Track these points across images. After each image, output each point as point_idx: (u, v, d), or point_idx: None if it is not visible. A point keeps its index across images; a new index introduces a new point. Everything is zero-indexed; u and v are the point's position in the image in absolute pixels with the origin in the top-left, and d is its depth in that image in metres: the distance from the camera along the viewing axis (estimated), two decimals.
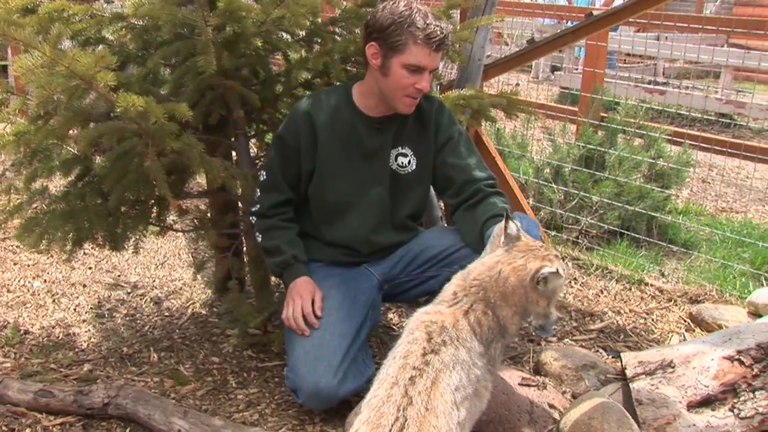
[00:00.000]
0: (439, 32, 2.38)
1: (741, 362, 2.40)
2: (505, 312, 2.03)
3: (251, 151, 3.11)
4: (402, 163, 2.64)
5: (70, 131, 2.59)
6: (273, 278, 3.03)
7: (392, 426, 1.74)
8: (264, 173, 2.70)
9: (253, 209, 2.71)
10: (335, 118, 2.60)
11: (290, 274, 2.62)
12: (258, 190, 2.70)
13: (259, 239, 2.69)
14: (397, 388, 1.82)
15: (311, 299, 2.52)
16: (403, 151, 2.64)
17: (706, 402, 2.35)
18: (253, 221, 2.72)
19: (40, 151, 2.78)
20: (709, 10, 12.34)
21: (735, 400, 2.34)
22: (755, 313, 3.29)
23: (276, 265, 2.65)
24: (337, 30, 3.01)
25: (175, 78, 2.63)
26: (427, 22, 2.37)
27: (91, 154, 2.75)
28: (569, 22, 7.20)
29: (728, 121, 7.33)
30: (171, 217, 3.35)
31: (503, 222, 2.13)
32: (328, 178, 2.62)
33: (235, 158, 3.03)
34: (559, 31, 4.28)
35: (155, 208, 3.00)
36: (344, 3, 2.94)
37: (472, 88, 3.20)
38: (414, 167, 2.65)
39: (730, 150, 4.61)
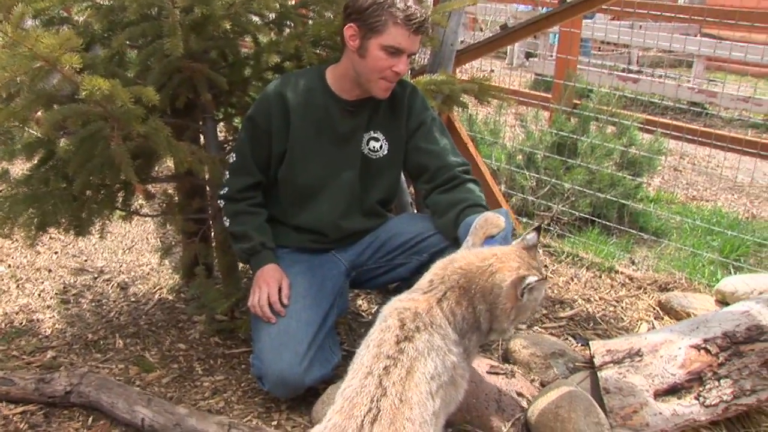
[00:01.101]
0: (419, 14, 2.35)
1: (707, 351, 2.41)
2: (482, 306, 2.01)
3: (220, 135, 3.06)
4: (374, 147, 2.61)
5: (34, 113, 2.53)
6: (240, 264, 3.00)
7: (364, 417, 1.72)
8: (233, 155, 2.65)
9: (222, 192, 2.66)
10: (308, 100, 2.56)
11: (258, 260, 2.58)
12: (227, 173, 2.65)
13: (227, 224, 2.65)
14: (371, 378, 1.79)
15: (278, 287, 2.49)
16: (375, 135, 2.61)
17: (673, 390, 2.37)
18: (221, 204, 2.67)
19: (2, 133, 2.72)
20: (683, 0, 12.40)
21: (701, 389, 2.36)
22: (722, 302, 3.31)
23: (243, 251, 2.61)
24: (309, 13, 2.96)
25: (141, 60, 2.57)
26: (408, 4, 2.35)
27: (55, 137, 2.69)
28: (544, 8, 7.20)
29: (699, 110, 7.37)
30: (138, 202, 3.29)
31: (486, 217, 2.18)
32: (299, 161, 2.58)
33: (202, 142, 2.98)
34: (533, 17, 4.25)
35: (121, 192, 2.95)
36: None
37: (444, 74, 3.18)
38: (386, 152, 2.62)
39: (700, 139, 4.63)
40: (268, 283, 2.49)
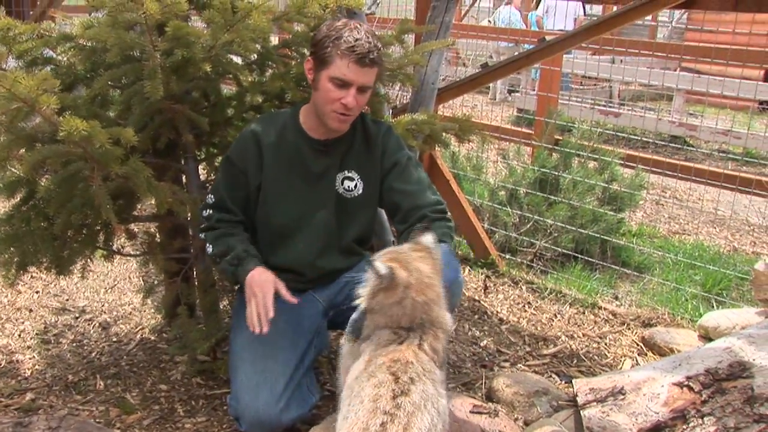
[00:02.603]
0: (365, 47, 2.35)
1: (690, 388, 2.41)
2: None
3: (201, 174, 3.07)
4: (348, 186, 2.61)
5: (15, 153, 2.52)
6: (222, 303, 2.98)
7: None
8: (211, 195, 2.64)
9: (202, 226, 2.64)
10: (281, 139, 2.57)
11: (244, 268, 2.48)
12: (206, 210, 2.62)
13: (210, 250, 2.59)
14: None
15: (273, 288, 2.40)
16: (350, 174, 2.61)
17: (656, 429, 2.36)
18: (203, 237, 2.64)
19: None
20: (663, 35, 12.60)
21: (684, 427, 2.36)
22: (706, 337, 3.32)
23: (228, 263, 2.52)
24: (291, 53, 2.99)
25: (122, 101, 2.58)
26: (356, 37, 2.36)
27: (36, 177, 2.68)
28: (525, 46, 7.30)
29: (678, 146, 7.45)
30: (120, 241, 3.27)
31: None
32: (272, 200, 2.59)
33: (184, 181, 2.98)
34: (516, 53, 4.31)
35: (102, 232, 2.93)
36: (296, 27, 2.92)
37: (425, 113, 3.21)
38: (360, 191, 2.62)
39: (680, 174, 4.68)
40: (263, 288, 2.39)
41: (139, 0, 2.22)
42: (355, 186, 2.61)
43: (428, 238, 2.14)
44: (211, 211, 2.62)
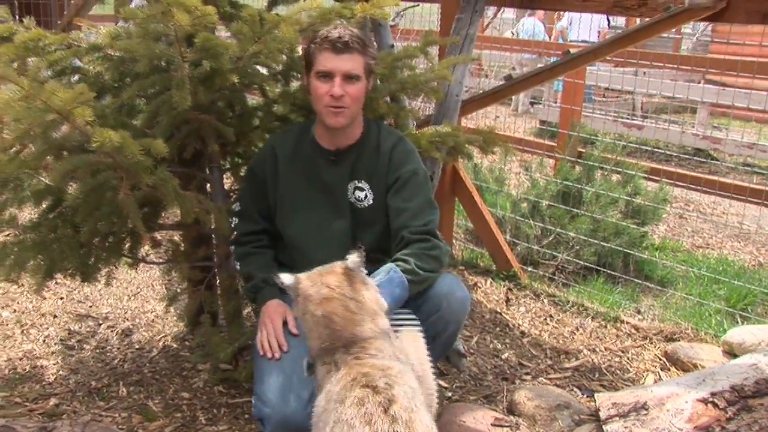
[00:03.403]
0: (336, 35, 2.42)
1: (715, 405, 2.39)
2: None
3: (226, 183, 3.09)
4: (359, 197, 2.62)
5: (44, 162, 2.56)
6: (245, 310, 3.00)
7: None
8: (238, 204, 2.73)
9: (232, 238, 2.74)
10: (296, 151, 2.63)
11: (262, 297, 2.57)
12: (234, 219, 2.72)
13: (238, 266, 2.70)
14: None
15: (282, 320, 2.47)
16: (360, 185, 2.62)
17: None
18: (232, 249, 2.73)
19: (11, 180, 2.74)
20: (686, 47, 12.53)
21: None
22: (730, 352, 3.29)
23: (248, 290, 2.64)
24: None
25: (150, 111, 2.60)
26: (332, 31, 2.44)
27: (64, 186, 2.72)
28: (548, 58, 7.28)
29: (702, 159, 7.39)
30: (145, 249, 3.30)
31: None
32: (288, 211, 2.63)
33: (208, 189, 3.01)
34: (538, 65, 4.31)
35: (128, 240, 2.96)
36: None
37: (448, 125, 3.21)
38: (371, 201, 2.62)
39: (704, 188, 4.65)
40: (272, 319, 2.46)
41: (170, 12, 2.25)
42: (365, 196, 2.62)
43: (352, 257, 2.10)
44: (237, 221, 2.71)
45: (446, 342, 2.64)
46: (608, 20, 10.60)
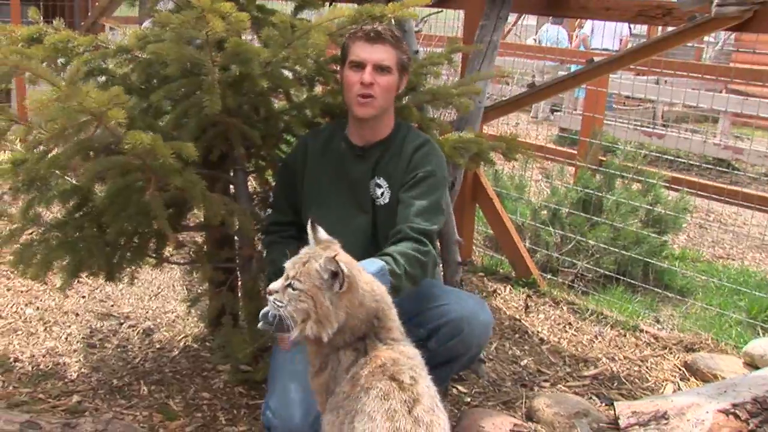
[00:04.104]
0: (370, 26, 2.48)
1: (736, 416, 2.38)
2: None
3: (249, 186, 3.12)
4: (377, 194, 2.63)
5: (73, 162, 2.59)
6: None
7: None
8: (272, 195, 2.83)
9: (262, 226, 2.82)
10: (327, 146, 2.67)
11: None
12: (268, 209, 2.82)
13: (264, 254, 2.77)
14: None
15: None
16: (379, 182, 2.64)
17: None
18: (261, 238, 2.81)
19: (38, 179, 2.78)
20: (708, 55, 12.45)
21: None
22: (751, 364, 3.27)
23: (272, 274, 2.56)
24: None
25: (177, 113, 2.63)
26: (365, 25, 2.50)
27: (92, 186, 2.75)
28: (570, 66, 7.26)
29: (724, 170, 7.34)
30: (168, 249, 3.33)
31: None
32: (313, 202, 2.65)
33: (232, 191, 3.03)
34: (560, 73, 4.31)
35: (153, 240, 2.99)
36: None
37: (471, 131, 3.22)
38: (387, 200, 2.62)
39: (727, 198, 4.62)
40: None
41: (204, 17, 2.27)
42: (383, 194, 2.62)
43: (321, 232, 2.05)
44: (270, 210, 2.81)
45: (466, 363, 2.66)
46: (630, 28, 10.57)
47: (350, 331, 1.92)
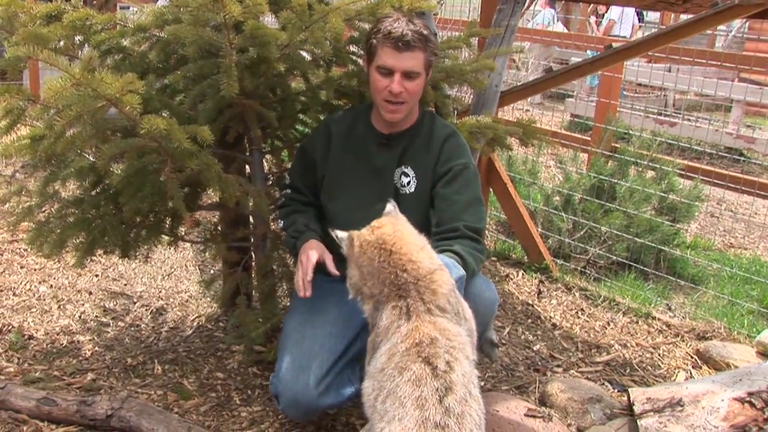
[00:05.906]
0: (399, 32, 2.40)
1: (752, 404, 2.38)
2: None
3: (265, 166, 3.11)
4: (403, 182, 2.62)
5: (89, 143, 2.59)
6: (279, 289, 3.02)
7: None
8: (288, 177, 2.80)
9: (279, 203, 2.81)
10: (351, 131, 2.65)
11: (302, 240, 2.59)
12: (284, 189, 2.78)
13: (281, 225, 2.74)
14: None
15: (316, 259, 2.46)
16: (406, 170, 2.63)
17: None
18: (277, 213, 2.80)
19: (56, 156, 2.78)
20: (720, 44, 12.36)
21: None
22: (764, 353, 3.27)
23: (290, 235, 2.65)
24: (359, 51, 3.01)
25: (194, 94, 2.62)
26: (395, 25, 2.41)
27: (109, 167, 2.75)
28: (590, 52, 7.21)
29: (736, 158, 7.30)
30: (182, 228, 3.34)
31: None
32: (334, 187, 2.65)
33: (248, 171, 3.03)
34: (573, 59, 4.28)
35: (168, 219, 2.99)
36: (363, 24, 2.92)
37: (488, 115, 3.20)
38: (413, 189, 2.62)
39: (743, 187, 4.59)
40: (308, 256, 2.46)
41: (222, 1, 2.26)
42: (409, 183, 2.62)
43: (389, 207, 2.20)
44: (288, 191, 2.77)
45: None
46: (641, 15, 10.46)
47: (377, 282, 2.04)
